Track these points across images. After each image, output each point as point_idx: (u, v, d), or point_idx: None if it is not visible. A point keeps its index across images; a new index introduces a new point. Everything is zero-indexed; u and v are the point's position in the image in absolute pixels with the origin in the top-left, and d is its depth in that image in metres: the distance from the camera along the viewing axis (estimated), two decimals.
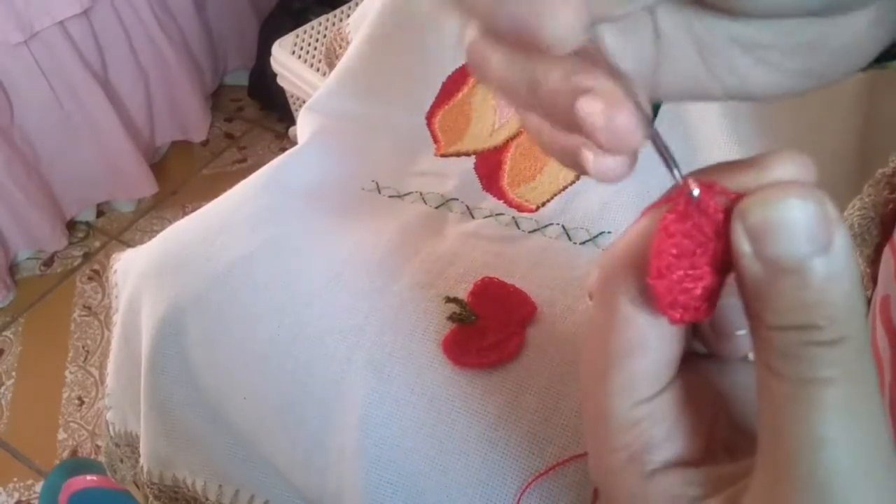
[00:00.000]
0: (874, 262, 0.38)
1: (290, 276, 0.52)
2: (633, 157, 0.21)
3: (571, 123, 0.19)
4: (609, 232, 0.50)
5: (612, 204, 0.53)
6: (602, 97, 0.19)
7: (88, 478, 1.06)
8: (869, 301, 0.39)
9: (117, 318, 0.59)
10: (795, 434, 0.18)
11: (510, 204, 0.57)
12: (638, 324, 0.21)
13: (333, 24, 1.29)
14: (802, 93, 0.22)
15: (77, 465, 1.15)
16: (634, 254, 0.21)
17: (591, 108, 0.19)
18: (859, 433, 0.18)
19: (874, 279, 0.38)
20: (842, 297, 0.18)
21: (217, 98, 1.94)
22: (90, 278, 1.62)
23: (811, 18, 0.20)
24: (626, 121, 0.19)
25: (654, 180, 0.49)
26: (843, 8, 0.20)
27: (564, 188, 0.55)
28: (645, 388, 0.21)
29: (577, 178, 0.55)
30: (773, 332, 0.18)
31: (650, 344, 0.21)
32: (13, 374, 1.47)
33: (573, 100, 0.19)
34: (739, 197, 0.19)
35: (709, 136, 0.51)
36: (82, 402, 1.41)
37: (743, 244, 0.18)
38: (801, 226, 0.18)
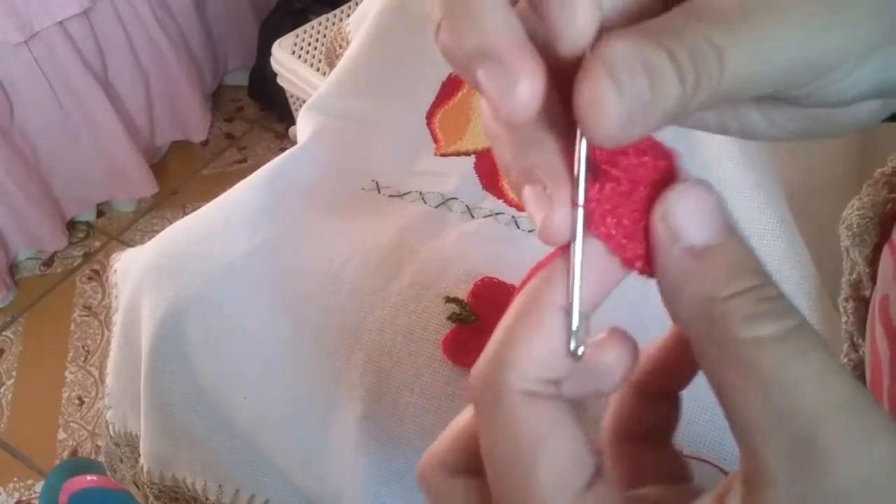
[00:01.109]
0: (873, 262, 0.38)
1: (290, 276, 0.52)
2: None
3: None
4: None
5: None
6: (538, 196, 0.20)
7: (88, 478, 1.06)
8: (868, 301, 0.39)
9: (117, 318, 0.59)
10: (775, 393, 0.18)
11: (510, 203, 0.57)
12: (539, 410, 0.20)
13: (333, 24, 1.29)
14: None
15: (77, 465, 1.15)
16: (510, 354, 0.20)
17: (531, 198, 0.20)
18: (837, 372, 0.18)
19: (873, 279, 0.38)
20: (758, 260, 0.19)
21: (217, 98, 1.94)
22: (90, 278, 1.62)
23: None
24: (557, 223, 0.20)
25: None
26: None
27: None
28: (576, 475, 0.20)
29: None
30: (730, 301, 0.19)
31: (558, 428, 0.20)
32: (13, 374, 1.47)
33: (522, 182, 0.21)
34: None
35: (708, 137, 0.51)
36: (82, 402, 1.41)
37: (665, 238, 0.20)
38: (697, 215, 0.19)
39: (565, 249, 0.21)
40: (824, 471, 0.17)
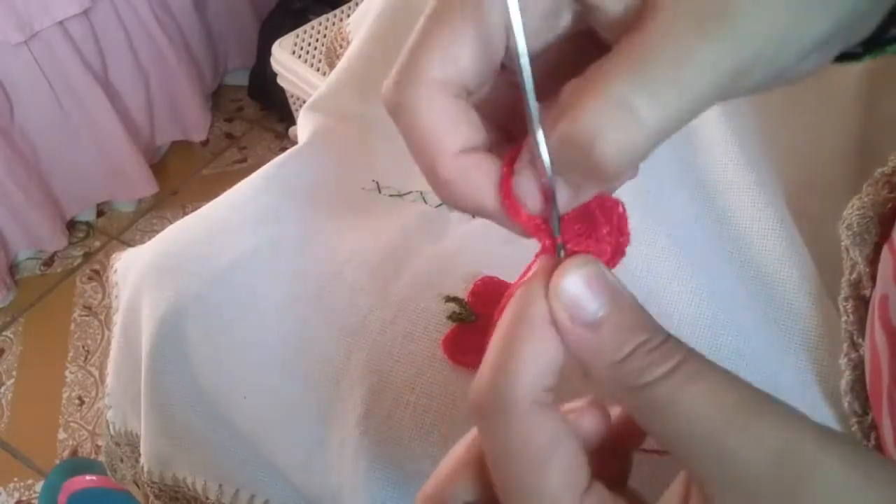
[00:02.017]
0: (873, 261, 0.38)
1: (291, 276, 0.52)
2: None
3: None
4: None
5: None
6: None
7: (88, 478, 1.06)
8: (868, 300, 0.39)
9: (117, 318, 0.59)
10: (679, 420, 0.20)
11: None
12: (547, 420, 0.22)
13: (333, 24, 1.29)
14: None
15: (77, 465, 1.15)
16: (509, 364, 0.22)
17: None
18: (725, 386, 0.20)
19: (873, 278, 0.38)
20: (646, 315, 0.22)
21: (217, 98, 1.95)
22: (90, 278, 1.62)
23: None
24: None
25: (651, 181, 0.49)
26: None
27: None
28: (580, 479, 0.22)
29: None
30: (621, 365, 0.21)
31: (563, 437, 0.22)
32: (13, 374, 1.47)
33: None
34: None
35: (709, 135, 0.51)
36: (82, 402, 1.41)
37: (564, 318, 0.22)
38: (589, 289, 0.22)
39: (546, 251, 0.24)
40: (741, 469, 0.19)
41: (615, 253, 0.25)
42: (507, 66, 0.25)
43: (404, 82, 0.22)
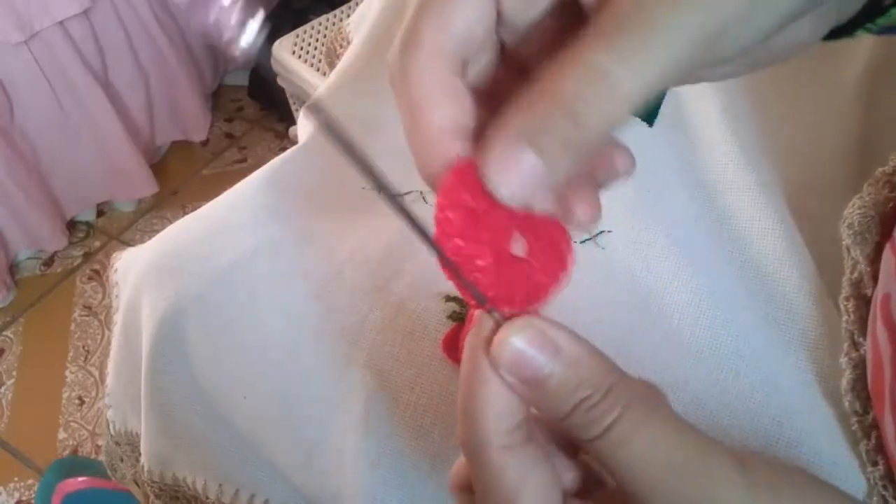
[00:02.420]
0: (874, 260, 0.38)
1: (291, 276, 0.52)
2: None
3: None
4: (609, 231, 0.50)
5: (612, 204, 0.53)
6: None
7: (81, 479, 1.05)
8: (869, 300, 0.39)
9: (117, 317, 0.59)
10: (621, 472, 0.22)
11: None
12: (513, 461, 0.24)
13: (333, 24, 1.29)
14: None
15: (73, 463, 1.14)
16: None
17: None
18: (656, 444, 0.22)
19: (874, 277, 0.38)
20: (588, 369, 0.23)
21: (217, 98, 1.95)
22: (90, 278, 1.62)
23: None
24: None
25: (651, 181, 0.49)
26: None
27: None
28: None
29: None
30: (566, 420, 0.23)
31: (529, 478, 0.24)
32: (13, 374, 1.47)
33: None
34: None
35: (709, 135, 0.51)
36: (82, 402, 1.41)
37: (510, 379, 0.23)
38: (528, 351, 0.23)
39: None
40: None
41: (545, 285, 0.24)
42: (507, 51, 0.26)
43: (404, 50, 0.23)
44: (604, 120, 0.20)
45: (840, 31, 0.25)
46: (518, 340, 0.23)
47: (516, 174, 0.21)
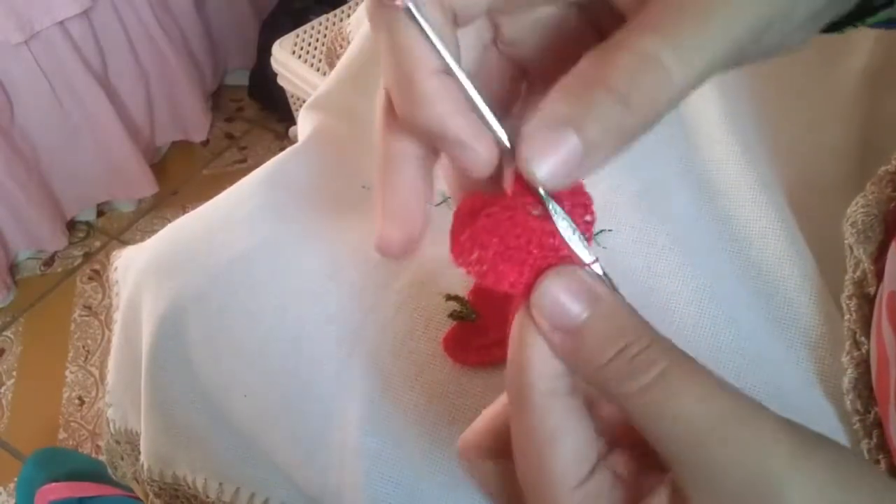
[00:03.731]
0: (877, 259, 0.38)
1: (291, 274, 0.52)
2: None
3: None
4: (610, 230, 0.50)
5: (614, 202, 0.53)
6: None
7: (63, 485, 1.03)
8: (872, 298, 0.39)
9: (118, 316, 0.59)
10: (664, 426, 0.21)
11: None
12: (554, 409, 0.23)
13: (333, 24, 1.29)
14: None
15: (52, 455, 1.12)
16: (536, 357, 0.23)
17: None
18: (712, 394, 0.21)
19: (878, 276, 0.38)
20: (628, 320, 0.22)
21: (217, 98, 1.95)
22: (90, 278, 1.62)
23: None
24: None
25: (652, 180, 0.49)
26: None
27: None
28: (578, 469, 0.23)
29: None
30: (606, 368, 0.22)
31: (570, 426, 0.23)
32: (13, 374, 1.47)
33: None
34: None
35: (709, 134, 0.51)
36: (82, 402, 1.41)
37: (544, 325, 0.23)
38: (563, 298, 0.22)
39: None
40: (720, 480, 0.20)
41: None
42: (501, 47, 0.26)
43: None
44: (654, 107, 0.21)
45: (829, 28, 0.25)
46: (555, 287, 0.23)
47: (556, 156, 0.21)
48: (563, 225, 0.23)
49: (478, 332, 0.47)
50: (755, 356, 0.44)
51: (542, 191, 0.23)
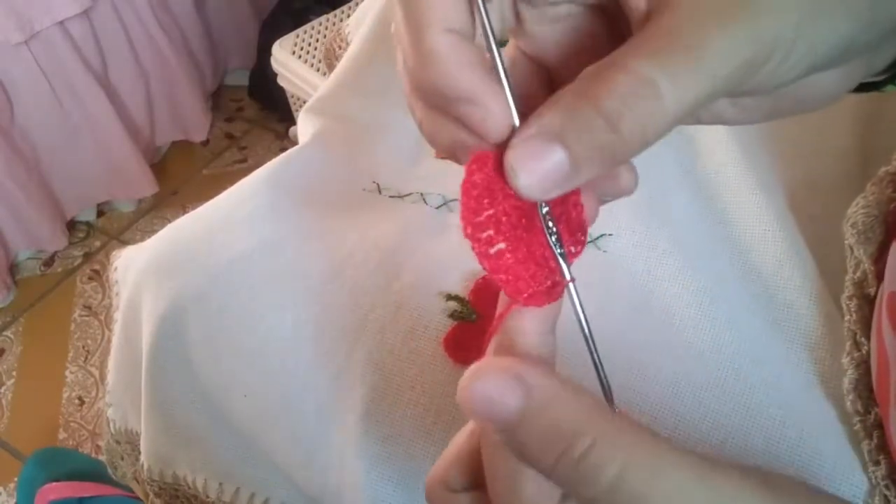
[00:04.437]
0: (877, 260, 0.38)
1: (291, 275, 0.52)
2: None
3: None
4: (611, 234, 0.50)
5: (613, 206, 0.53)
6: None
7: (63, 484, 1.03)
8: (872, 299, 0.39)
9: (118, 316, 0.59)
10: None
11: None
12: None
13: (333, 24, 1.29)
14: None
15: (53, 454, 1.12)
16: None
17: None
18: (665, 482, 0.19)
19: (878, 276, 0.38)
20: (565, 410, 0.20)
21: (217, 98, 1.94)
22: (90, 278, 1.62)
23: None
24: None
25: (652, 183, 0.49)
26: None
27: None
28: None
29: None
30: (554, 475, 0.20)
31: None
32: (13, 374, 1.47)
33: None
34: None
35: (709, 137, 0.51)
36: (82, 402, 1.41)
37: (483, 424, 0.22)
38: (494, 392, 0.21)
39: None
40: None
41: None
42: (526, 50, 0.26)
43: None
44: (643, 132, 0.20)
45: (869, 85, 0.25)
46: (482, 383, 0.21)
47: (539, 169, 0.21)
48: (552, 238, 0.23)
49: (478, 333, 0.47)
50: (756, 358, 0.44)
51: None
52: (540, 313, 0.24)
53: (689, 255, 0.47)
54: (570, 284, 0.24)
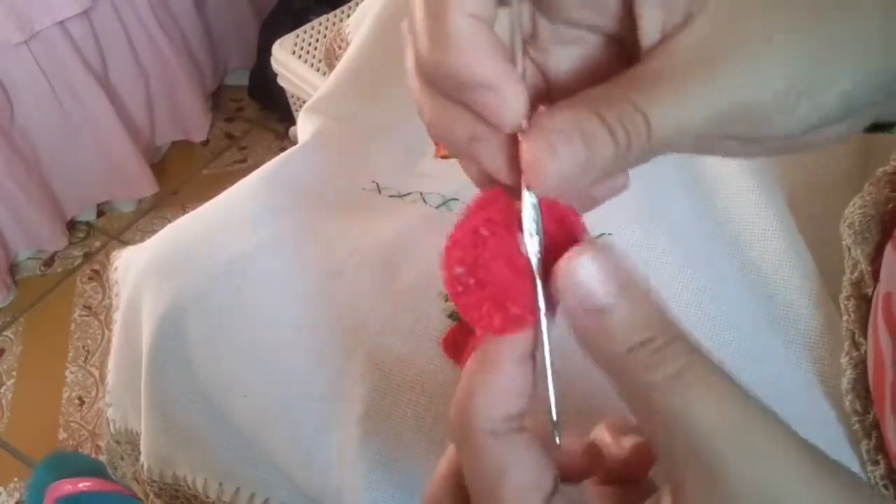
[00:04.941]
0: (874, 260, 0.38)
1: (291, 275, 0.52)
2: None
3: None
4: (610, 234, 0.50)
5: (613, 206, 0.53)
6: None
7: (73, 481, 1.04)
8: (869, 299, 0.39)
9: (118, 316, 0.59)
10: (678, 426, 0.20)
11: None
12: (499, 446, 0.23)
13: (333, 24, 1.29)
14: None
15: (62, 459, 1.13)
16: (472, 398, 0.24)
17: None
18: (728, 398, 0.20)
19: (875, 276, 0.38)
20: (655, 312, 0.22)
21: (217, 98, 1.94)
22: (90, 278, 1.62)
23: None
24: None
25: (652, 183, 0.49)
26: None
27: None
28: (534, 497, 0.23)
29: None
30: (628, 356, 0.21)
31: (516, 459, 0.23)
32: (13, 374, 1.47)
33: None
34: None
35: None
36: (82, 402, 1.41)
37: (571, 300, 0.22)
38: (595, 278, 0.22)
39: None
40: (726, 490, 0.20)
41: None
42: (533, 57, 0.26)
43: None
44: (628, 153, 0.22)
45: (879, 126, 0.26)
46: (589, 264, 0.22)
47: (566, 156, 0.22)
48: (534, 260, 0.23)
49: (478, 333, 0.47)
50: (755, 356, 0.44)
51: (526, 216, 0.23)
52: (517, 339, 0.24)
53: (688, 255, 0.47)
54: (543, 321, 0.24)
